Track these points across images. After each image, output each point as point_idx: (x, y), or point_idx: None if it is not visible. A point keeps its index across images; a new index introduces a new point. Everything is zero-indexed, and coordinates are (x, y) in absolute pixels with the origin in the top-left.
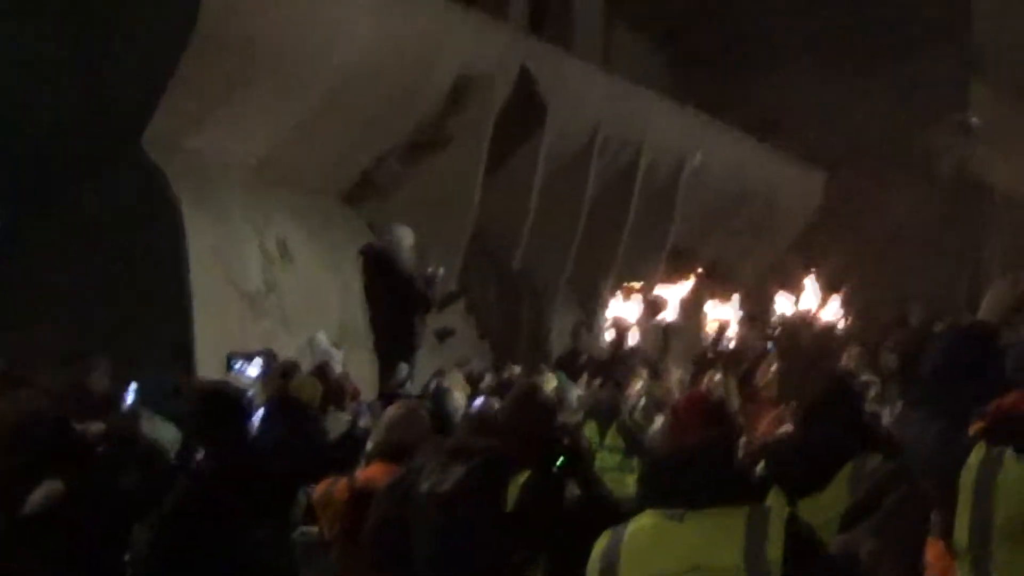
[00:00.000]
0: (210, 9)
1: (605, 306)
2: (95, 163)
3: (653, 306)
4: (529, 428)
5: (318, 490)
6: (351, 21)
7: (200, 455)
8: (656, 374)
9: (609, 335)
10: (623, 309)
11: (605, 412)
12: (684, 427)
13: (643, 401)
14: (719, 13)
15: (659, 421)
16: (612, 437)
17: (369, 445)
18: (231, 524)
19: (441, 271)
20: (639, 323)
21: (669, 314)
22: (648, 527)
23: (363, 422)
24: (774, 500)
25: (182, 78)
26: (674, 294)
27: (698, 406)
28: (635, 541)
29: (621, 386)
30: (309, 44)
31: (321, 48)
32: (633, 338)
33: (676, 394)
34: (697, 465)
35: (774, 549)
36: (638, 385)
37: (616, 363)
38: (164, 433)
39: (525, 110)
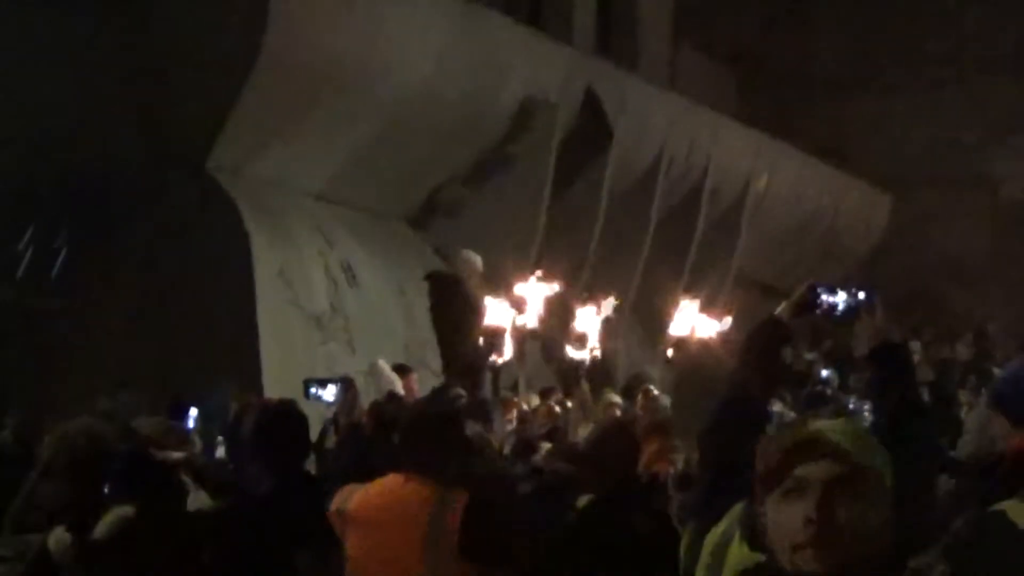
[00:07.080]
0: (275, 34)
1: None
2: (158, 188)
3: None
4: (611, 462)
5: None
6: (415, 44)
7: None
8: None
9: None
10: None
11: None
12: None
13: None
14: (784, 36)
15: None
16: None
17: None
18: (275, 550)
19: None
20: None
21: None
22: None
23: None
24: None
25: (245, 103)
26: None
27: None
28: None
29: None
30: (373, 67)
31: (385, 71)
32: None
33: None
34: None
35: None
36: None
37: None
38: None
39: (590, 132)
